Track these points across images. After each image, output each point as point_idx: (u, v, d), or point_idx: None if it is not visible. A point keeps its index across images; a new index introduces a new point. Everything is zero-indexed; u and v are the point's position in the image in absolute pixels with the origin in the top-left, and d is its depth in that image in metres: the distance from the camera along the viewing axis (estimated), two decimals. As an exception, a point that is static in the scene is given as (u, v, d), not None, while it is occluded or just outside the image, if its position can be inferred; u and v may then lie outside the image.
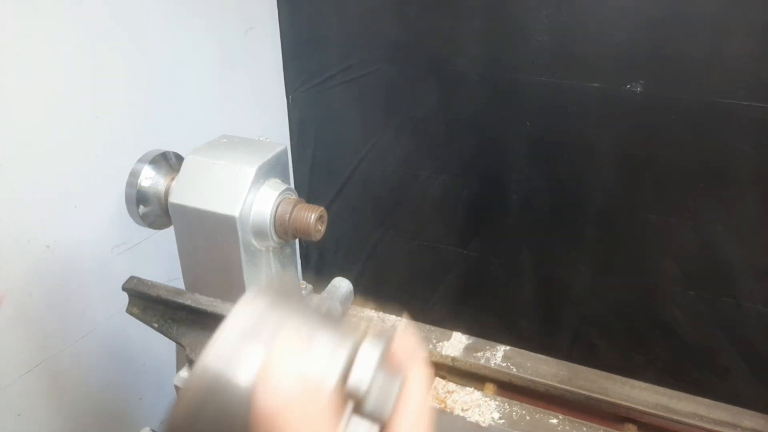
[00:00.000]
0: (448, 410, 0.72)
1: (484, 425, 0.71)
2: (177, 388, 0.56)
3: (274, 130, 1.29)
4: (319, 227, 0.63)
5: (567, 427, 0.73)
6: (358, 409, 0.30)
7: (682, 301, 1.09)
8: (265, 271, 0.67)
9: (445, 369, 0.92)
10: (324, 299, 0.69)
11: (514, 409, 0.74)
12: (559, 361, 0.88)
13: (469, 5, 1.04)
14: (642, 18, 0.95)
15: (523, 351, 0.90)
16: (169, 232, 0.67)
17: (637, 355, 1.18)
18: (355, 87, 1.20)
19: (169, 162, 0.66)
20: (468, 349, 0.90)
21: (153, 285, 0.57)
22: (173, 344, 0.60)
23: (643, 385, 0.84)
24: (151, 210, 0.65)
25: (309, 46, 1.20)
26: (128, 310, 0.59)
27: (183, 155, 0.65)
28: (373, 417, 0.30)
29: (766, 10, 0.88)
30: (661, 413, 0.79)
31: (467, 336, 0.95)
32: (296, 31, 1.20)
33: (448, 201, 1.22)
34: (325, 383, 0.30)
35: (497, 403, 0.74)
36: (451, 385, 0.75)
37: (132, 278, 0.58)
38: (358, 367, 0.30)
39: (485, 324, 1.06)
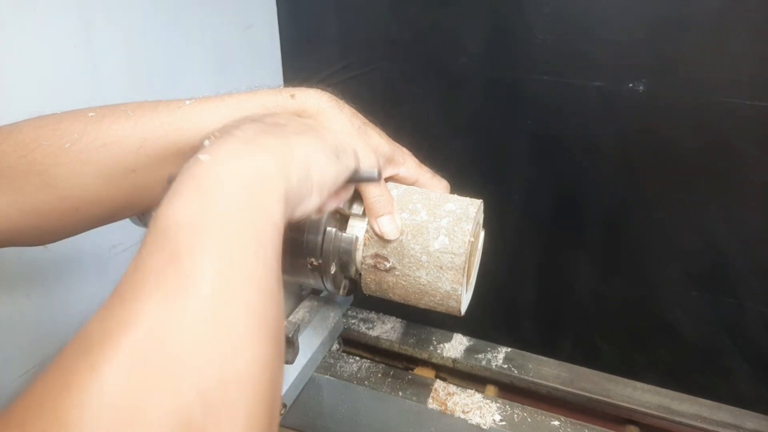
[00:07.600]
0: (449, 412, 0.72)
1: (485, 428, 0.70)
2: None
3: (274, 129, 1.28)
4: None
5: (569, 429, 0.72)
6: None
7: (684, 301, 1.09)
8: (264, 273, 0.66)
9: (446, 371, 0.91)
10: None
11: (516, 411, 0.73)
12: (560, 362, 0.88)
13: (470, 3, 1.03)
14: (644, 16, 0.94)
15: (524, 353, 0.90)
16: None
17: (639, 356, 1.17)
18: (354, 85, 1.19)
19: (166, 162, 0.65)
20: (469, 350, 0.89)
21: (150, 287, 0.56)
22: (171, 347, 0.59)
23: (645, 386, 0.84)
24: (149, 210, 0.65)
25: (308, 44, 1.20)
26: (125, 312, 0.58)
27: (181, 155, 0.64)
28: None
29: (769, 8, 0.87)
30: (663, 415, 0.79)
31: (468, 338, 0.95)
32: (295, 29, 1.19)
33: (449, 201, 1.21)
34: None
35: (498, 405, 0.73)
36: (452, 387, 0.75)
37: (129, 280, 0.58)
38: None
39: (486, 325, 1.06)
